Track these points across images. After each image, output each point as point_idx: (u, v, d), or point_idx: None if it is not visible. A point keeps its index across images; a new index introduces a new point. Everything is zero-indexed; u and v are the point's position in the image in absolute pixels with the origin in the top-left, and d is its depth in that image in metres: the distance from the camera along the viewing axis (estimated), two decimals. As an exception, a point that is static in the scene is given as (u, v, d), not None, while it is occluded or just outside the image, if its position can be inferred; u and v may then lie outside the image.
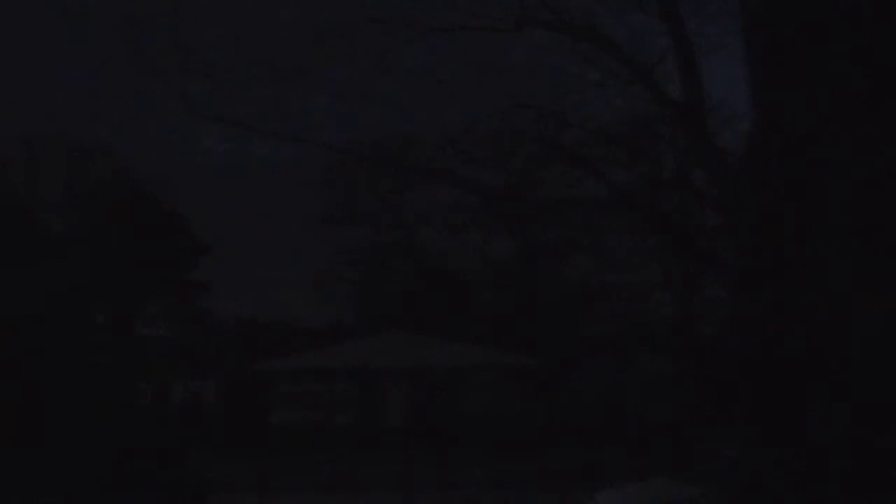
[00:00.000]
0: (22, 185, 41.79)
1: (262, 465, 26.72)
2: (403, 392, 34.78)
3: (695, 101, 12.28)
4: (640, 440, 30.48)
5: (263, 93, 16.02)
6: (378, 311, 47.69)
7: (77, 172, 43.90)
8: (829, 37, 3.25)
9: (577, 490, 17.47)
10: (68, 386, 9.74)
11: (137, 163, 46.60)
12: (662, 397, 38.71)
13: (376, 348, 36.02)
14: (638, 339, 43.21)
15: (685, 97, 12.46)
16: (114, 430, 9.33)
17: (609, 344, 44.67)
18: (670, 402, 38.11)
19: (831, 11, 3.25)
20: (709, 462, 13.62)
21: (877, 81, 3.18)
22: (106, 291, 39.76)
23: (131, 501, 9.07)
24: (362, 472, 25.41)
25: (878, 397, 3.15)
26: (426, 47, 16.17)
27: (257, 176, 58.58)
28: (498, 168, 46.66)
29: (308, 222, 47.71)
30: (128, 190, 42.73)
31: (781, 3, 3.39)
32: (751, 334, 3.58)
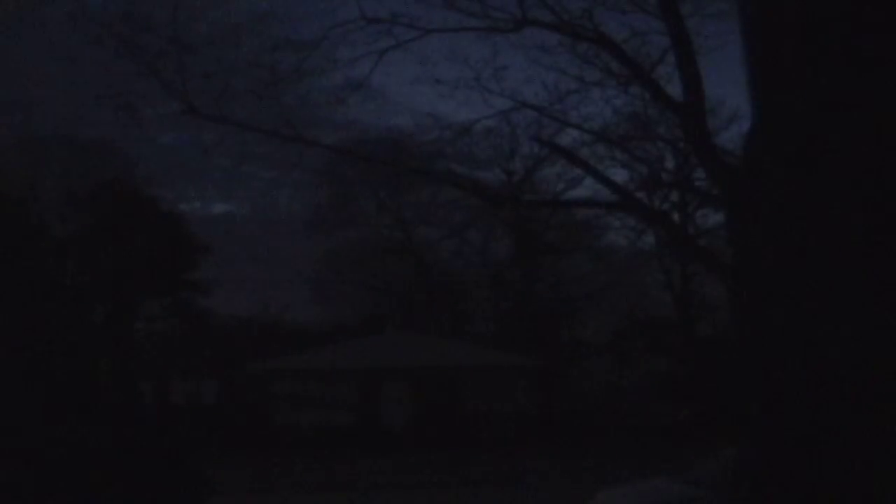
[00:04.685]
0: (22, 184, 41.78)
1: (262, 465, 26.72)
2: (403, 392, 34.77)
3: (695, 101, 12.27)
4: (640, 440, 30.50)
5: (263, 93, 16.01)
6: (378, 311, 47.68)
7: (77, 172, 43.88)
8: (829, 35, 3.25)
9: (578, 490, 17.47)
10: (68, 386, 9.74)
11: (137, 163, 46.61)
12: (662, 397, 38.72)
13: (376, 348, 36.00)
14: (638, 338, 43.22)
15: (685, 97, 12.44)
16: (113, 429, 9.33)
17: (609, 344, 44.69)
18: (670, 402, 38.13)
19: (832, 10, 3.24)
20: (708, 462, 13.61)
21: (878, 80, 3.18)
22: (106, 291, 39.76)
23: (131, 502, 9.07)
24: (362, 472, 25.41)
25: (879, 398, 3.14)
26: (427, 47, 16.15)
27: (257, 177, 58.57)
28: (498, 168, 46.72)
29: (308, 222, 47.76)
30: (128, 190, 42.72)
31: (781, 2, 3.39)
32: (751, 334, 3.58)
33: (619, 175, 36.49)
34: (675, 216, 40.44)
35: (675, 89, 13.40)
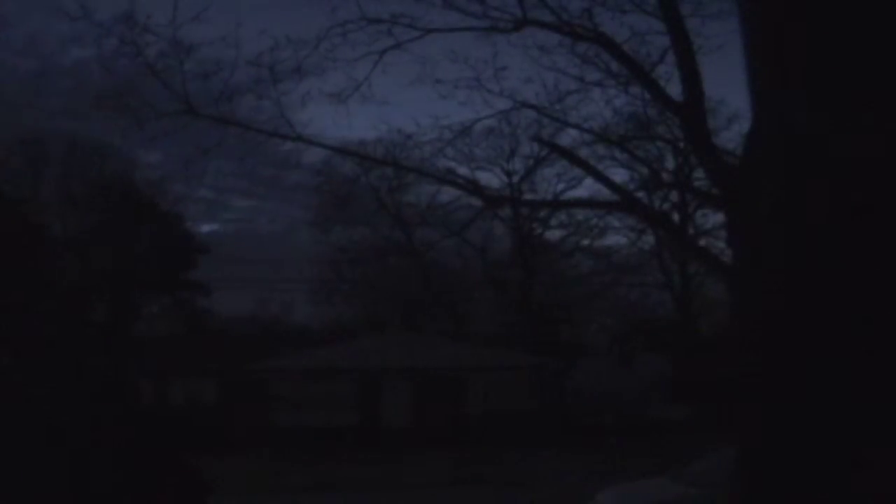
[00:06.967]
0: (22, 185, 41.78)
1: (262, 465, 26.71)
2: (404, 392, 34.77)
3: (695, 101, 12.26)
4: (640, 440, 30.49)
5: (263, 93, 16.02)
6: (378, 311, 47.69)
7: (77, 172, 43.89)
8: (829, 35, 3.25)
9: (578, 490, 17.47)
10: (67, 386, 9.74)
11: (137, 163, 46.62)
12: (662, 397, 38.73)
13: (376, 348, 36.01)
14: (638, 338, 43.24)
15: (685, 97, 12.44)
16: (113, 430, 9.33)
17: (609, 344, 44.70)
18: (670, 402, 38.14)
19: (831, 11, 3.24)
20: (708, 462, 13.61)
21: (877, 80, 3.18)
22: (106, 291, 39.77)
23: (130, 502, 9.07)
24: (362, 472, 25.40)
25: (879, 398, 3.14)
26: (427, 47, 16.18)
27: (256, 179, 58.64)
28: (498, 168, 46.70)
29: (308, 222, 47.74)
30: (128, 190, 42.74)
31: (781, 3, 3.39)
32: (751, 334, 3.58)
33: (619, 175, 36.51)
34: (675, 216, 40.45)
35: (675, 89, 13.40)
